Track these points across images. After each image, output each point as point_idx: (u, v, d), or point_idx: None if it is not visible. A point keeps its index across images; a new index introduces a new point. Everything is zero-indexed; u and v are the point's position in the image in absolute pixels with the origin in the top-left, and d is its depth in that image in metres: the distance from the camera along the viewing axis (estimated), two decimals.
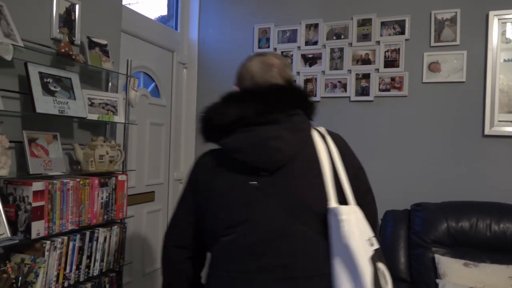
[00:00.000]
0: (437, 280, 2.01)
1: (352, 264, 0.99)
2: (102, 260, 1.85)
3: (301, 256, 1.05)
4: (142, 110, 2.68)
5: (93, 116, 1.92)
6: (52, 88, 1.72)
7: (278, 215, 1.05)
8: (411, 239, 2.25)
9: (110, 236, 1.90)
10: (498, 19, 2.40)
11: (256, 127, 1.07)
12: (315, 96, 2.78)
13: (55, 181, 1.63)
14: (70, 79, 1.83)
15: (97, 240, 1.83)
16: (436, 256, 2.10)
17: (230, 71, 3.07)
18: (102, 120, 1.96)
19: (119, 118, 2.05)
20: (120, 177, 1.99)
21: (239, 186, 1.08)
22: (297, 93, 1.15)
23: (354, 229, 1.01)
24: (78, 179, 1.75)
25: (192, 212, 1.17)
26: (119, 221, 2.00)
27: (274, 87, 1.13)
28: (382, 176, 2.63)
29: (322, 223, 1.06)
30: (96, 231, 1.83)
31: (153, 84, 2.85)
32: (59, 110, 1.71)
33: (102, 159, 1.90)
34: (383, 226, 2.38)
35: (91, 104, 1.94)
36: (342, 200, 1.08)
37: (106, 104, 2.01)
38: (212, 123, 1.12)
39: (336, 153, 1.13)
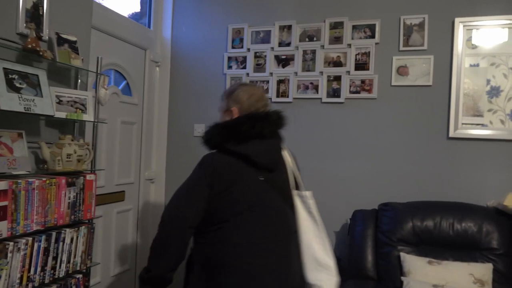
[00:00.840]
0: (402, 278, 2.07)
1: (317, 224, 1.64)
2: (68, 261, 1.82)
3: (290, 222, 1.60)
4: (113, 109, 2.63)
5: (61, 114, 1.88)
6: (18, 85, 1.67)
7: (278, 199, 1.58)
8: (378, 238, 2.31)
9: (77, 237, 1.87)
10: (464, 25, 2.49)
11: (267, 140, 1.56)
12: (288, 97, 2.81)
13: (19, 181, 1.58)
14: (37, 75, 1.78)
15: (63, 241, 1.79)
16: (402, 254, 2.17)
17: (203, 70, 3.08)
18: (70, 119, 1.92)
19: (88, 116, 2.01)
20: (88, 177, 1.95)
21: (253, 179, 1.53)
22: (285, 119, 1.67)
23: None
24: (44, 179, 1.70)
25: (206, 199, 1.49)
26: (86, 221, 1.97)
27: (278, 114, 1.63)
28: (351, 176, 2.68)
29: (291, 202, 1.63)
30: (62, 231, 1.79)
31: (124, 82, 2.81)
32: (24, 107, 1.66)
33: (69, 158, 1.87)
34: (352, 226, 2.43)
35: (59, 102, 1.89)
36: (297, 189, 1.68)
37: (75, 102, 1.97)
38: (241, 133, 1.52)
39: (292, 159, 1.70)
